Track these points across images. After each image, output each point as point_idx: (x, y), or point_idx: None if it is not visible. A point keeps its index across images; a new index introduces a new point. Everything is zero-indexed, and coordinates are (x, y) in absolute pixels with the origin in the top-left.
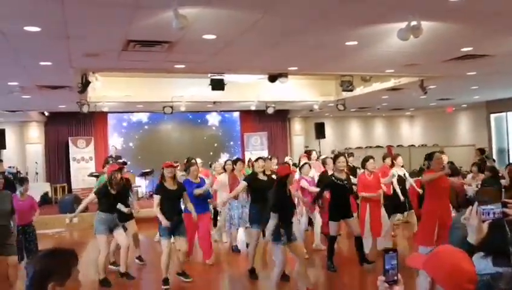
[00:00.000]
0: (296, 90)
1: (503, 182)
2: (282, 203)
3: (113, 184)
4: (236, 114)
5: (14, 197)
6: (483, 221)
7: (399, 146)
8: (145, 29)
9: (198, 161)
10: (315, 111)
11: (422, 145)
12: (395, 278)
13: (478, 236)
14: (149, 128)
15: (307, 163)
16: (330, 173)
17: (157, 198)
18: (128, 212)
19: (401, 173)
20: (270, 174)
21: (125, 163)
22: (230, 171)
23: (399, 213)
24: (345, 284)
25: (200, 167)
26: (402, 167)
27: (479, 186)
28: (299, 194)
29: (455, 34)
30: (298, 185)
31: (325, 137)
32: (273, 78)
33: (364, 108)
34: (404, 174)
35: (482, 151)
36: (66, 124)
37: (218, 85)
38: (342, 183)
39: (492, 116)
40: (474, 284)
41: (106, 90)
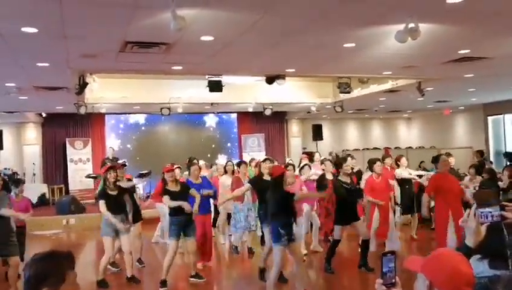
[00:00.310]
0: (293, 92)
1: (501, 185)
2: (280, 204)
3: (109, 184)
4: (234, 115)
5: (10, 198)
6: (482, 224)
7: (396, 148)
8: (142, 30)
9: (202, 162)
10: (312, 113)
11: (420, 147)
12: (393, 281)
13: (476, 239)
14: (146, 130)
15: (307, 164)
16: (328, 175)
17: (166, 197)
18: (122, 229)
19: (406, 174)
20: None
21: (124, 164)
22: (231, 173)
23: (407, 214)
24: (342, 286)
25: (203, 168)
26: (406, 167)
27: (477, 188)
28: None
29: (453, 36)
30: (302, 184)
31: (322, 139)
32: (270, 80)
33: (362, 110)
34: (409, 174)
35: (481, 154)
36: (64, 125)
37: (216, 87)
38: (348, 187)
39: (490, 118)
40: (472, 287)
41: (103, 92)
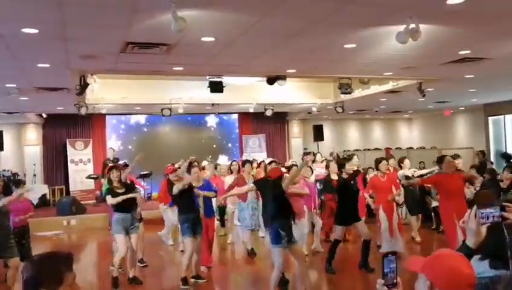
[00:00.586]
0: (294, 92)
1: (502, 185)
2: (279, 206)
3: (115, 183)
4: (235, 116)
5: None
6: (482, 224)
7: (397, 148)
8: (143, 31)
9: (205, 162)
10: (313, 113)
11: (421, 148)
12: (395, 281)
13: (477, 239)
14: (147, 131)
15: (308, 166)
16: (333, 175)
17: (176, 188)
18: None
19: (409, 174)
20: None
21: (126, 165)
22: (237, 173)
23: (417, 214)
24: (343, 287)
25: (207, 168)
26: (409, 168)
27: (478, 189)
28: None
29: (453, 37)
30: (305, 183)
31: (323, 139)
32: (271, 81)
33: (363, 110)
34: (412, 175)
35: (483, 154)
36: (64, 126)
37: (217, 87)
38: (350, 187)
39: (490, 119)
40: (473, 288)
41: (104, 92)
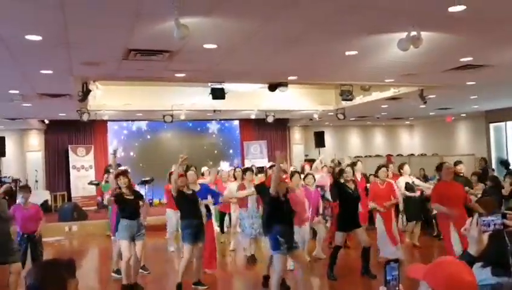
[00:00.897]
0: (295, 99)
1: (503, 192)
2: (277, 213)
3: (123, 189)
4: (236, 122)
5: (18, 206)
6: (484, 232)
7: (399, 155)
8: (145, 38)
9: (204, 168)
10: (315, 120)
11: (422, 155)
12: (397, 288)
13: (478, 247)
14: (149, 137)
15: (310, 173)
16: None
17: (173, 190)
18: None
19: (409, 181)
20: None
21: (126, 171)
22: (241, 179)
23: (414, 221)
24: None
25: (206, 175)
26: (409, 175)
27: (479, 196)
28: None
29: (455, 44)
30: (306, 192)
31: (324, 146)
32: (273, 87)
33: (364, 117)
34: (412, 182)
35: (485, 161)
36: (66, 132)
37: (218, 94)
38: (351, 193)
39: (492, 125)
40: None
41: (106, 99)
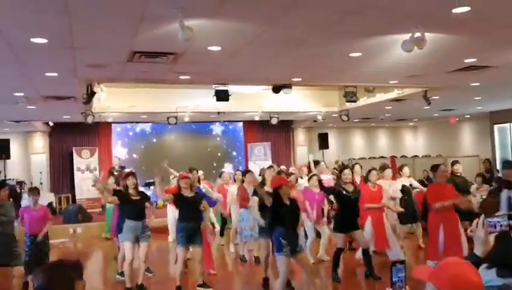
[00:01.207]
0: (299, 101)
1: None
2: (279, 215)
3: (130, 189)
4: (240, 124)
5: (27, 208)
6: (490, 233)
7: (403, 157)
8: (150, 40)
9: (201, 172)
10: (319, 122)
11: (426, 156)
12: None
13: (485, 248)
14: (153, 139)
15: (315, 175)
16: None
17: (169, 195)
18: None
19: (407, 183)
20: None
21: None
22: (240, 182)
23: (408, 224)
24: None
25: (202, 177)
26: (409, 177)
27: (484, 197)
28: (305, 205)
29: (459, 45)
30: (305, 196)
31: (328, 148)
32: (277, 89)
33: (368, 119)
34: (410, 185)
35: (489, 162)
36: (71, 134)
37: (222, 96)
38: (349, 195)
39: (496, 126)
40: None
41: (111, 101)
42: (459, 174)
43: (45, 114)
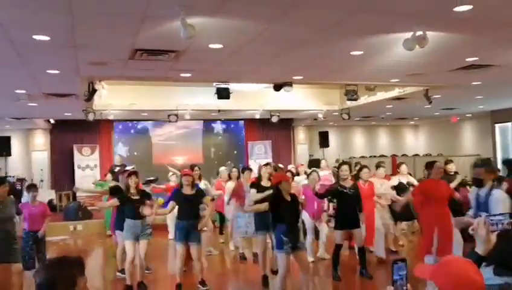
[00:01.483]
0: (300, 99)
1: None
2: (280, 212)
3: (131, 188)
4: (241, 123)
5: (26, 204)
6: (492, 231)
7: (403, 155)
8: (152, 38)
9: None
10: (319, 120)
11: (427, 155)
12: (404, 288)
13: (486, 247)
14: (154, 137)
15: (315, 170)
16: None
17: (171, 204)
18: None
19: (404, 181)
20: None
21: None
22: (236, 179)
23: (404, 221)
24: None
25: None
26: (409, 174)
27: None
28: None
29: (460, 44)
30: (302, 191)
31: (328, 146)
32: (278, 87)
33: (369, 117)
34: (407, 183)
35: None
36: (72, 132)
37: (224, 94)
38: (345, 191)
39: (497, 126)
40: None
41: (112, 99)
42: (452, 173)
43: (46, 111)
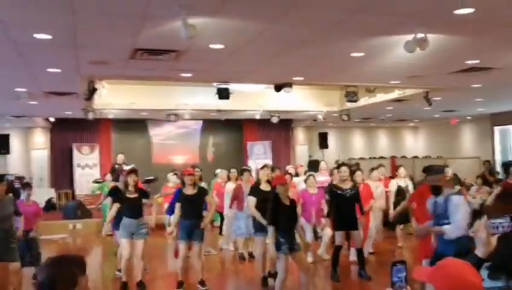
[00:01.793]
0: (300, 100)
1: None
2: (277, 214)
3: (130, 188)
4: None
5: (21, 202)
6: (492, 234)
7: (403, 157)
8: (152, 38)
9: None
10: (319, 121)
11: (426, 157)
12: None
13: (486, 249)
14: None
15: (312, 174)
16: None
17: (177, 206)
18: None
19: (402, 184)
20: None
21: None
22: (235, 180)
23: (402, 224)
24: None
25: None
26: (407, 177)
27: (483, 198)
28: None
29: (461, 46)
30: (300, 195)
31: (328, 147)
32: (278, 88)
33: (368, 119)
34: (406, 186)
35: (490, 164)
36: (71, 130)
37: (224, 94)
38: (342, 193)
39: (497, 128)
40: None
41: (112, 98)
42: (448, 178)
43: (46, 110)
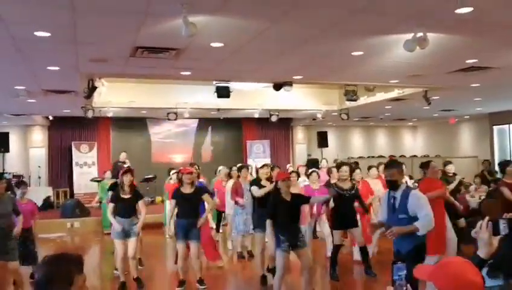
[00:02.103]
0: (299, 98)
1: None
2: (276, 210)
3: (124, 187)
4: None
5: (17, 200)
6: (494, 235)
7: (401, 156)
8: (153, 36)
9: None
10: (318, 120)
11: (425, 156)
12: (404, 289)
13: (488, 250)
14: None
15: (315, 171)
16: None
17: (172, 202)
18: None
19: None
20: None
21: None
22: (236, 178)
23: None
24: None
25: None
26: (409, 176)
27: (482, 197)
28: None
29: (461, 45)
30: (303, 190)
31: (327, 146)
32: (278, 87)
33: (367, 118)
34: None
35: (489, 163)
36: (70, 129)
37: (223, 93)
38: (342, 193)
39: (495, 128)
40: None
41: (111, 96)
42: (451, 174)
43: (45, 108)
